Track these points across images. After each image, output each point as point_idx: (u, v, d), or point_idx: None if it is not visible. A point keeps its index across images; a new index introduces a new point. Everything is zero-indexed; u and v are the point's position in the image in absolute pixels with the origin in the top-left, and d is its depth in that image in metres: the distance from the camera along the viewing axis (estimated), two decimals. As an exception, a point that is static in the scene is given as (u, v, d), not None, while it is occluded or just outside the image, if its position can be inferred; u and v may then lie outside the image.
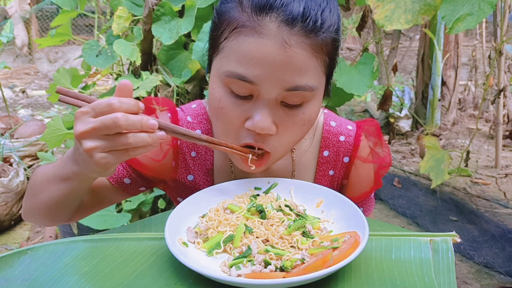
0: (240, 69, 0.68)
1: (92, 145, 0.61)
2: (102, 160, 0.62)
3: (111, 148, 0.61)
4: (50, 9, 7.60)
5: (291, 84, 0.68)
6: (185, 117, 0.90)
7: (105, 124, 0.59)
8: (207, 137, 0.73)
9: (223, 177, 0.90)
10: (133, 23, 1.93)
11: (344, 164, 0.92)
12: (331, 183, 0.93)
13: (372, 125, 0.92)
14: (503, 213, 2.81)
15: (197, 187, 0.90)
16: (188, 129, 0.71)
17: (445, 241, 0.65)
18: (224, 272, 0.61)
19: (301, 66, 0.68)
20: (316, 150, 0.91)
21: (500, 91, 2.80)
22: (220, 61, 0.72)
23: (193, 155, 0.89)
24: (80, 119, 0.61)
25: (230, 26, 0.69)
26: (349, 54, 7.71)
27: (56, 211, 0.80)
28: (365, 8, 2.25)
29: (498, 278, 2.20)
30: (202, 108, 0.92)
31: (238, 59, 0.68)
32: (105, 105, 0.60)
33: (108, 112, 0.60)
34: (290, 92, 0.69)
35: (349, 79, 1.82)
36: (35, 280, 0.60)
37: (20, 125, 3.55)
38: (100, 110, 0.60)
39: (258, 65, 0.67)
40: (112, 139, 0.61)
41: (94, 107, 0.61)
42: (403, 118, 4.31)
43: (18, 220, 2.75)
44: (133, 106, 0.62)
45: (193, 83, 1.93)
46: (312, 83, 0.70)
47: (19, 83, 6.62)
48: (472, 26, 1.43)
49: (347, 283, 0.59)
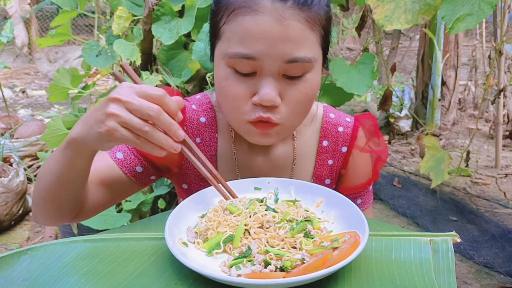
0: (241, 48, 0.72)
1: (117, 112, 0.62)
2: (114, 130, 0.63)
3: (129, 125, 0.63)
4: (50, 9, 7.60)
5: (291, 56, 0.72)
6: (190, 105, 0.93)
7: (141, 104, 0.62)
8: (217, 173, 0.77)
9: (226, 163, 0.93)
10: (133, 23, 1.93)
11: (342, 154, 0.95)
12: (330, 172, 0.96)
13: (369, 118, 0.96)
14: (503, 213, 2.81)
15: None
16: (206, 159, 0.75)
17: (445, 241, 0.65)
18: (224, 272, 0.61)
19: (298, 38, 0.72)
20: (316, 140, 0.95)
21: (500, 91, 2.80)
22: (222, 45, 0.76)
23: (198, 141, 0.92)
24: (123, 88, 0.64)
25: (228, 10, 0.74)
26: (349, 54, 7.71)
27: (58, 194, 0.77)
28: (365, 8, 2.25)
29: (498, 278, 2.20)
30: (206, 98, 0.95)
31: (238, 39, 0.73)
32: (154, 92, 0.63)
33: (153, 99, 0.63)
34: (290, 64, 0.73)
35: (349, 79, 1.82)
36: (35, 280, 0.60)
37: (20, 125, 3.55)
38: (148, 94, 0.63)
39: (258, 41, 0.71)
40: (135, 119, 0.62)
41: (144, 88, 0.64)
42: (403, 118, 4.31)
43: (18, 220, 2.76)
44: (174, 110, 0.65)
45: (193, 83, 1.93)
46: (310, 54, 0.74)
47: (19, 83, 6.62)
48: (472, 26, 1.43)
49: (347, 283, 0.59)
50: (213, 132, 0.93)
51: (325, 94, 1.91)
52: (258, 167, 0.93)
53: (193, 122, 0.92)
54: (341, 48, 7.91)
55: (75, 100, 2.25)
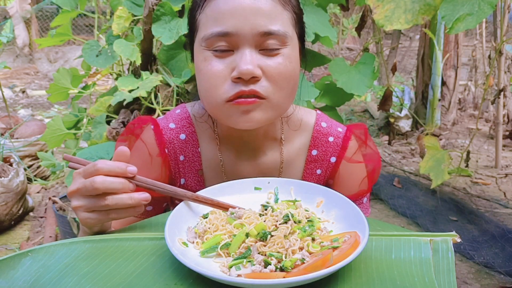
0: (215, 27, 0.75)
1: (76, 203, 0.67)
2: (85, 218, 0.68)
3: (93, 208, 0.67)
4: (50, 9, 7.60)
5: (264, 28, 0.75)
6: (167, 125, 0.92)
7: (85, 185, 0.66)
8: (192, 194, 0.74)
9: (214, 174, 0.93)
10: (133, 23, 1.93)
11: (331, 164, 0.94)
12: (318, 182, 0.95)
13: (360, 128, 0.95)
14: (503, 213, 2.81)
15: (189, 189, 0.91)
16: (173, 187, 0.74)
17: (445, 241, 0.65)
18: (224, 272, 0.61)
19: (270, 11, 0.75)
20: (305, 149, 0.94)
21: (500, 91, 2.80)
22: (199, 34, 0.79)
23: (181, 159, 0.92)
24: (74, 179, 0.68)
25: (201, 1, 0.79)
26: (349, 54, 7.71)
27: None
28: (365, 8, 2.26)
29: (498, 278, 2.20)
30: (186, 112, 0.94)
31: (213, 20, 0.76)
32: (91, 167, 0.66)
33: (94, 174, 0.66)
34: (265, 37, 0.75)
35: (349, 79, 1.82)
36: (36, 282, 0.60)
37: (20, 125, 3.55)
38: (88, 172, 0.66)
39: (230, 16, 0.74)
40: (93, 200, 0.66)
41: (85, 169, 0.67)
42: (403, 118, 4.32)
43: (18, 220, 2.75)
44: (118, 169, 0.67)
45: (193, 83, 1.93)
46: (284, 29, 0.76)
47: (19, 83, 6.62)
48: (472, 26, 1.43)
49: (347, 283, 0.59)
50: (195, 147, 0.92)
51: (325, 94, 1.91)
52: (245, 173, 0.92)
53: (173, 141, 0.92)
54: (341, 48, 7.91)
55: (75, 100, 2.25)
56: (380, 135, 4.38)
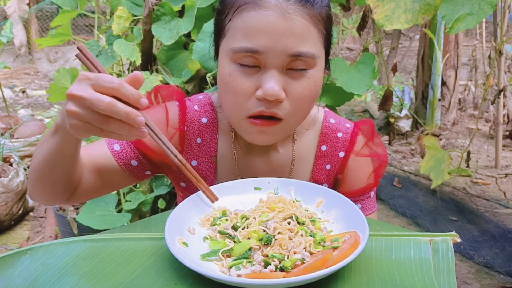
0: (246, 43, 0.74)
1: (74, 109, 0.62)
2: (76, 126, 0.63)
3: (88, 121, 0.62)
4: (50, 9, 7.60)
5: (295, 49, 0.74)
6: (192, 106, 0.93)
7: (91, 99, 0.60)
8: (182, 158, 0.74)
9: (226, 164, 0.93)
10: (133, 23, 1.93)
11: (340, 159, 0.96)
12: (327, 177, 0.96)
13: (367, 124, 0.97)
14: (503, 213, 2.81)
15: (200, 173, 0.92)
16: (169, 142, 0.73)
17: (445, 241, 0.65)
18: (224, 272, 0.61)
19: (302, 33, 0.74)
20: (315, 144, 0.95)
21: (500, 91, 2.80)
22: (227, 42, 0.78)
23: (198, 141, 0.93)
24: (80, 81, 0.62)
25: (233, 8, 0.76)
26: (349, 54, 7.71)
27: (49, 175, 0.78)
28: (365, 8, 2.26)
29: (498, 278, 2.20)
30: (208, 99, 0.96)
31: (243, 34, 0.74)
32: (107, 82, 0.61)
33: (107, 91, 0.61)
34: (294, 58, 0.75)
35: (349, 78, 1.82)
36: (35, 280, 0.60)
37: (20, 125, 3.55)
38: (101, 85, 0.61)
39: (262, 35, 0.73)
40: (94, 115, 0.62)
41: (98, 79, 0.61)
42: (403, 118, 4.32)
43: (18, 220, 2.76)
44: (132, 97, 0.62)
45: (193, 83, 1.93)
46: (313, 50, 0.76)
47: (19, 83, 6.62)
48: (472, 26, 1.43)
49: (347, 283, 0.59)
50: (214, 133, 0.93)
51: (325, 94, 1.91)
52: (257, 168, 0.93)
53: (194, 122, 0.92)
54: (341, 48, 7.91)
55: (75, 100, 2.25)
56: (380, 135, 4.38)
